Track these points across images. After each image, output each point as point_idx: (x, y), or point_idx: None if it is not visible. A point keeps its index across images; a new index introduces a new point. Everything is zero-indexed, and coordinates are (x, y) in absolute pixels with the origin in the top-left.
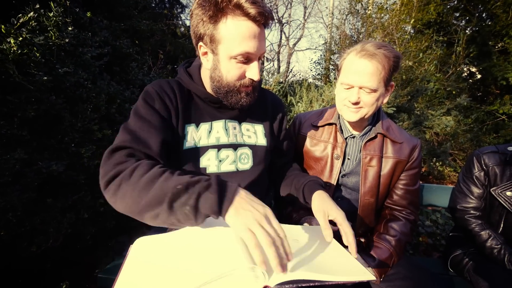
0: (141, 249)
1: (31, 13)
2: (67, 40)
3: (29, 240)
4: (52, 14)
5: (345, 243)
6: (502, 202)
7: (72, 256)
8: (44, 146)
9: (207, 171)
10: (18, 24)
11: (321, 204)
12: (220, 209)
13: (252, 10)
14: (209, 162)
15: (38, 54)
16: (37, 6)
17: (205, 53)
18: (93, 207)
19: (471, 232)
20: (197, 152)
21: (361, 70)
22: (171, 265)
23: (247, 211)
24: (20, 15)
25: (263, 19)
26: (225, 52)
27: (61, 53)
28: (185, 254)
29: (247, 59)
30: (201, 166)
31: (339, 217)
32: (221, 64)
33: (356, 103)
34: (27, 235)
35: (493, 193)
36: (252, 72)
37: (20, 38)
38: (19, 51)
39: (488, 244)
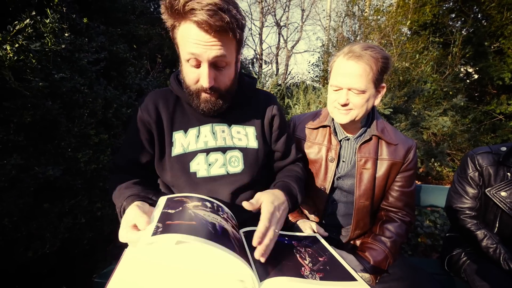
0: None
1: (28, 20)
2: (63, 46)
3: (26, 246)
4: (48, 20)
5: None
6: (497, 202)
7: (69, 261)
8: (40, 151)
9: (197, 176)
10: (15, 31)
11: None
12: None
13: (197, 18)
14: (199, 167)
15: (34, 61)
16: (34, 13)
17: None
18: (90, 212)
19: (467, 232)
20: (187, 157)
21: (349, 71)
22: (164, 268)
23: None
24: (17, 22)
25: (209, 27)
26: (182, 56)
27: (58, 59)
28: (177, 259)
29: (197, 63)
30: (191, 171)
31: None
32: (182, 67)
33: (345, 105)
34: (23, 241)
35: (488, 193)
36: (201, 78)
37: (17, 45)
38: (15, 58)
39: (484, 243)
